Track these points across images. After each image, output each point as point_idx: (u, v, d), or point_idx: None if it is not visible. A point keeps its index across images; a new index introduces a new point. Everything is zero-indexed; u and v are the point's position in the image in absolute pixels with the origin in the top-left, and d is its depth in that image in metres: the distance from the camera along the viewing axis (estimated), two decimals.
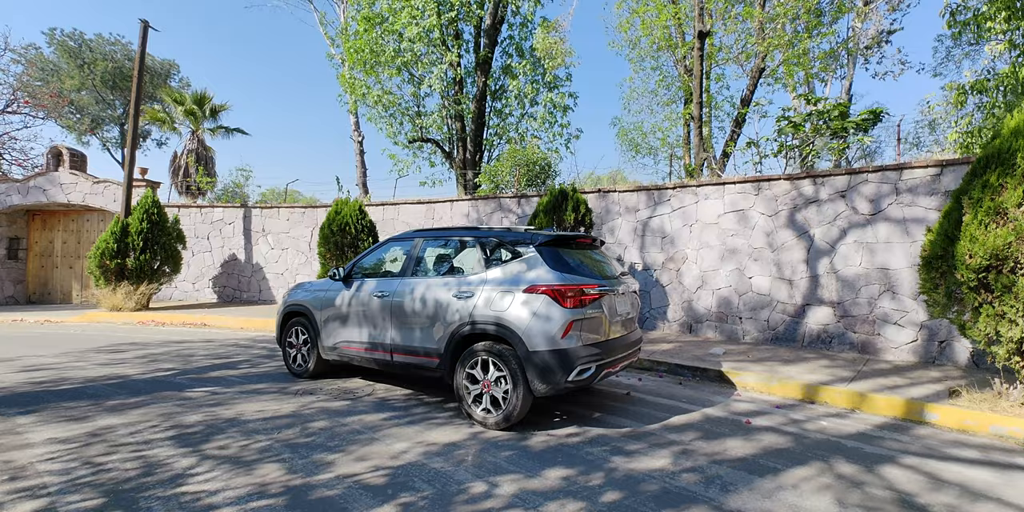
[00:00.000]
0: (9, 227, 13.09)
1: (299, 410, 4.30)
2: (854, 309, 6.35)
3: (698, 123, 9.99)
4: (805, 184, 6.82)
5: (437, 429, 3.85)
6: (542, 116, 13.43)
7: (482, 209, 9.85)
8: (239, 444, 3.52)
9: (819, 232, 6.68)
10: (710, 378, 5.50)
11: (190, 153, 22.44)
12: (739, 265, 7.33)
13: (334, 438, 3.64)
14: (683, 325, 7.81)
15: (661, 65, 14.21)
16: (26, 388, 4.98)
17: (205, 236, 12.30)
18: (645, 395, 4.88)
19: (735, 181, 7.41)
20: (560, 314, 3.63)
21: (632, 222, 8.38)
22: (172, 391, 4.87)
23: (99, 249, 10.18)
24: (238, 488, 2.86)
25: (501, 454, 3.37)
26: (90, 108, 27.23)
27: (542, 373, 3.61)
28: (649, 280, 8.16)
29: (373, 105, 12.92)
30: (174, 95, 22.41)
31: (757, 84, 11.16)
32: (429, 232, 4.78)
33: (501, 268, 4.01)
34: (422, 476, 3.03)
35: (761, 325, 7.11)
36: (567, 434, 3.76)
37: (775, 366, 5.61)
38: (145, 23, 10.76)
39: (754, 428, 3.96)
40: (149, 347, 7.22)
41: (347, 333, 4.90)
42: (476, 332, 3.90)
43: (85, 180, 12.58)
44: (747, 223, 7.29)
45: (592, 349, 3.73)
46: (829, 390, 4.72)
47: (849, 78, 13.75)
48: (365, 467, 3.15)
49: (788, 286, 6.89)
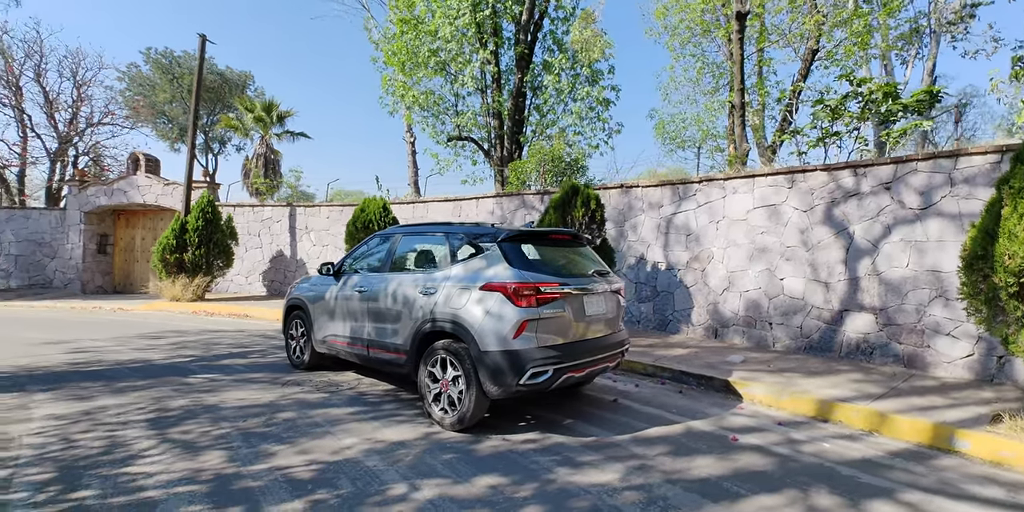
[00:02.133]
0: (99, 225, 14.71)
1: (277, 400, 4.41)
2: (899, 316, 5.57)
3: (739, 112, 9.26)
4: (844, 175, 6.07)
5: (395, 426, 3.79)
6: (577, 111, 13.06)
7: (506, 206, 9.73)
8: (202, 430, 3.66)
9: (860, 229, 5.92)
10: (715, 388, 5.04)
11: (259, 157, 24.21)
12: (770, 265, 6.68)
13: (291, 430, 3.69)
14: (708, 329, 7.26)
15: (704, 51, 13.32)
16: (63, 368, 5.52)
17: (256, 233, 13.15)
18: (633, 403, 4.55)
19: (766, 173, 6.76)
20: (513, 313, 3.44)
21: (655, 219, 7.91)
22: (178, 376, 5.19)
23: (161, 245, 11.18)
24: (174, 473, 2.95)
25: (442, 456, 3.25)
26: (179, 118, 30.06)
27: (493, 374, 3.44)
28: (672, 280, 7.66)
29: (411, 106, 13.18)
30: (245, 103, 24.20)
31: (810, 68, 10.12)
32: (408, 228, 4.74)
33: (464, 264, 3.88)
34: (351, 473, 2.98)
35: (793, 332, 6.43)
36: (524, 440, 3.57)
37: (794, 378, 5.04)
38: (203, 37, 11.66)
39: (738, 446, 3.55)
40: (186, 335, 7.79)
41: (334, 327, 4.98)
42: (436, 329, 3.80)
43: (158, 182, 13.87)
44: (779, 219, 6.63)
45: (549, 351, 3.50)
46: (846, 408, 4.15)
47: (932, 58, 12.14)
48: (302, 461, 3.15)
49: (824, 289, 6.18)
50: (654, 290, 7.88)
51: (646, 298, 7.97)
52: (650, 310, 7.91)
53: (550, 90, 13.02)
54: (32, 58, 17.47)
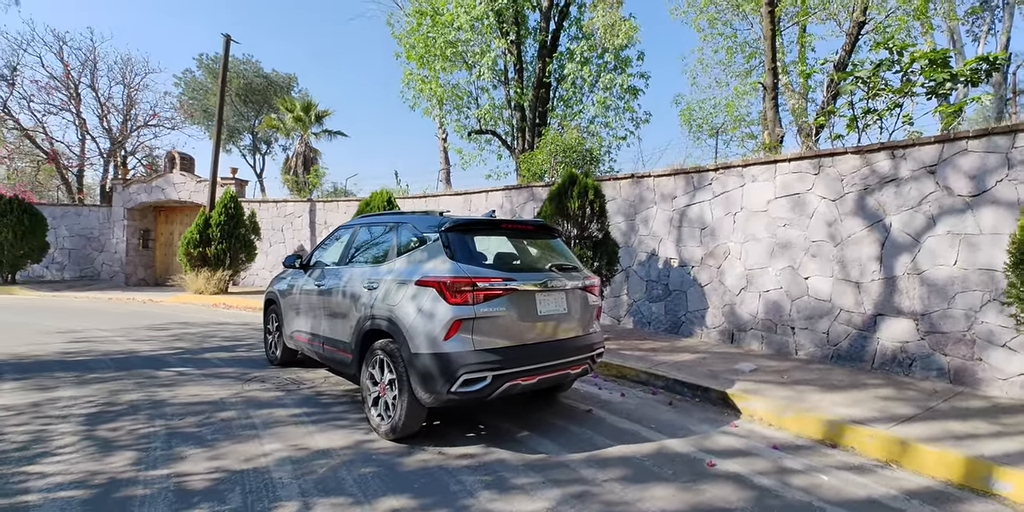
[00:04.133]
0: (141, 221, 15.48)
1: (228, 397, 4.22)
2: (945, 323, 4.73)
3: (771, 93, 8.40)
4: (880, 158, 5.24)
5: (331, 432, 3.48)
6: (601, 100, 12.40)
7: (515, 199, 9.30)
8: (133, 428, 3.49)
9: (898, 220, 5.09)
10: (711, 400, 4.42)
11: (299, 155, 24.93)
12: (792, 262, 5.91)
13: (221, 431, 3.45)
14: (723, 333, 6.55)
15: (734, 29, 12.23)
16: (51, 357, 5.60)
17: (280, 228, 13.37)
18: (609, 415, 4.03)
19: (788, 159, 5.98)
20: (445, 311, 3.03)
21: (668, 211, 7.25)
22: (150, 369, 5.13)
23: (186, 239, 11.52)
24: (70, 475, 2.76)
25: (360, 470, 2.90)
26: (229, 120, 31.47)
27: (423, 380, 3.05)
28: (685, 278, 6.99)
29: (429, 99, 12.97)
30: (286, 104, 24.96)
31: (856, 43, 9.02)
32: (367, 218, 4.43)
33: (407, 256, 3.51)
34: (250, 485, 2.68)
35: (819, 338, 5.66)
36: (462, 454, 3.16)
37: (808, 392, 4.35)
38: (227, 37, 11.92)
39: (713, 473, 2.99)
40: (190, 327, 7.88)
41: (299, 322, 4.75)
42: (374, 328, 3.46)
43: (191, 180, 14.40)
44: (803, 210, 5.85)
45: (488, 356, 3.07)
46: (860, 431, 3.48)
47: (1005, 32, 10.61)
48: (208, 468, 2.88)
49: (855, 290, 5.38)
50: (666, 289, 7.24)
51: (657, 297, 7.33)
52: (661, 310, 7.27)
53: (571, 79, 12.43)
54: (87, 65, 18.64)
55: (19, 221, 13.32)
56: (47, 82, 18.20)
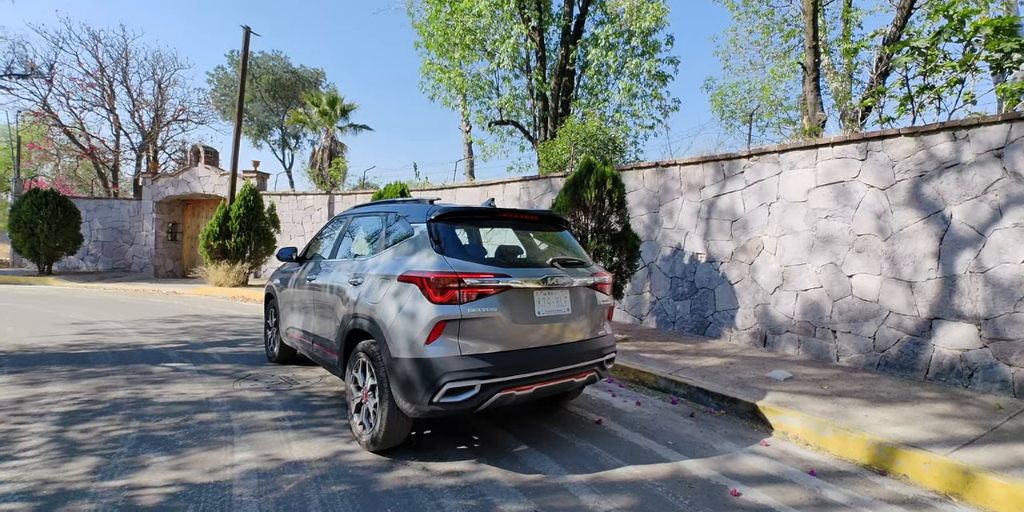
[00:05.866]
0: (169, 214, 15.76)
1: (215, 397, 4.00)
2: (1011, 329, 4.10)
3: (812, 74, 7.71)
4: (938, 141, 4.60)
5: (310, 440, 3.19)
6: (627, 88, 11.80)
7: (533, 191, 8.89)
8: (105, 429, 3.28)
9: (959, 211, 4.46)
10: (738, 413, 3.95)
11: (324, 149, 25.07)
12: (834, 258, 5.33)
13: (195, 436, 3.21)
14: (755, 335, 6.01)
15: (771, 5, 11.32)
16: (56, 349, 5.55)
17: (300, 221, 13.34)
18: (621, 427, 3.62)
19: (831, 143, 5.37)
20: (427, 312, 2.68)
21: (695, 202, 6.71)
22: (147, 364, 4.99)
23: (206, 232, 11.58)
24: (20, 483, 2.54)
25: (331, 488, 2.58)
26: (259, 115, 32.04)
27: (403, 388, 2.72)
28: (714, 275, 6.45)
29: (449, 89, 12.64)
30: (312, 98, 25.09)
31: (908, 17, 8.14)
32: (360, 208, 4.12)
33: (393, 249, 3.17)
34: (205, 503, 2.40)
35: (864, 343, 5.07)
36: (448, 471, 2.81)
37: (852, 406, 3.83)
38: (247, 29, 11.86)
39: (737, 505, 2.56)
40: (201, 320, 7.81)
41: (292, 318, 4.51)
42: (356, 327, 3.14)
43: (215, 173, 14.52)
44: (848, 200, 5.24)
45: (476, 362, 2.70)
46: (914, 456, 2.97)
47: None
48: (166, 480, 2.62)
49: (907, 290, 4.78)
50: (692, 286, 6.72)
51: (682, 295, 6.82)
52: (687, 310, 6.76)
53: (595, 66, 11.86)
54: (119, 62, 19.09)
55: (54, 214, 13.70)
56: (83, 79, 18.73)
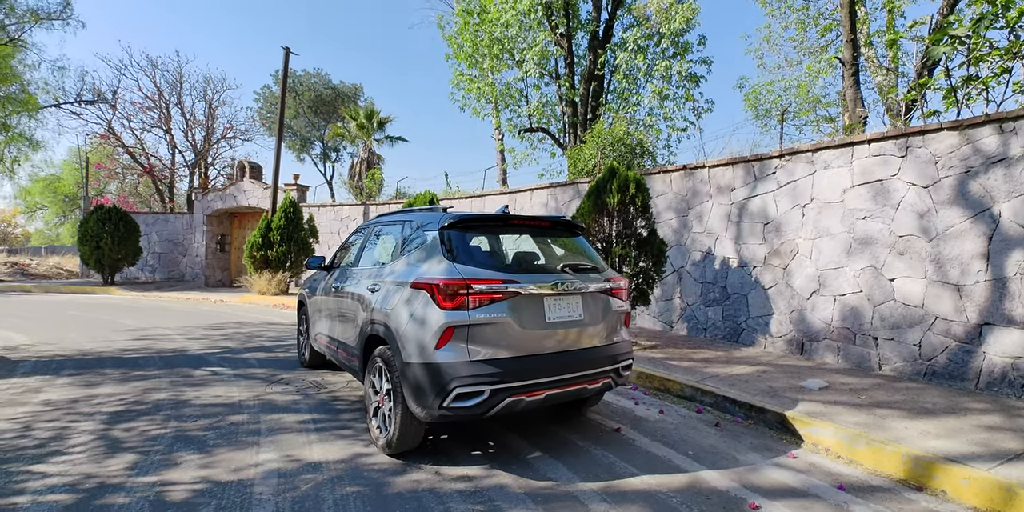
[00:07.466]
0: (218, 226, 16.66)
1: (246, 400, 4.18)
2: None
3: (851, 69, 7.39)
4: (984, 134, 4.30)
5: (330, 442, 3.29)
6: (657, 90, 11.65)
7: (560, 197, 8.88)
8: (145, 428, 3.50)
9: (1008, 209, 4.15)
10: (767, 423, 3.79)
11: (362, 161, 25.93)
12: (874, 261, 5.05)
13: (225, 436, 3.37)
14: (791, 342, 5.76)
15: (806, 1, 10.85)
16: (111, 354, 5.95)
17: (337, 231, 13.81)
18: (641, 436, 3.55)
19: (868, 140, 5.12)
20: (437, 317, 2.72)
21: (725, 205, 6.52)
22: (190, 368, 5.28)
23: (250, 242, 12.17)
24: (67, 477, 2.75)
25: (344, 489, 2.66)
26: (302, 131, 33.49)
27: (414, 392, 2.77)
28: (746, 280, 6.24)
29: (479, 98, 12.85)
30: (350, 112, 26.04)
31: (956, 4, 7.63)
32: (382, 218, 4.24)
33: (406, 257, 3.26)
34: (225, 501, 2.52)
35: (908, 351, 4.77)
36: (460, 476, 2.84)
37: (890, 417, 3.60)
38: (287, 49, 12.47)
39: None
40: (243, 327, 8.19)
41: (320, 325, 4.68)
42: (373, 333, 3.23)
43: (259, 187, 15.27)
44: (887, 199, 4.97)
45: (485, 368, 2.72)
46: (953, 471, 2.76)
47: None
48: (195, 477, 2.77)
49: (954, 294, 4.47)
50: (723, 292, 6.52)
51: (714, 301, 6.63)
52: (719, 316, 6.56)
53: (624, 69, 11.78)
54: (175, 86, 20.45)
55: (116, 228, 14.74)
56: (142, 102, 20.18)
